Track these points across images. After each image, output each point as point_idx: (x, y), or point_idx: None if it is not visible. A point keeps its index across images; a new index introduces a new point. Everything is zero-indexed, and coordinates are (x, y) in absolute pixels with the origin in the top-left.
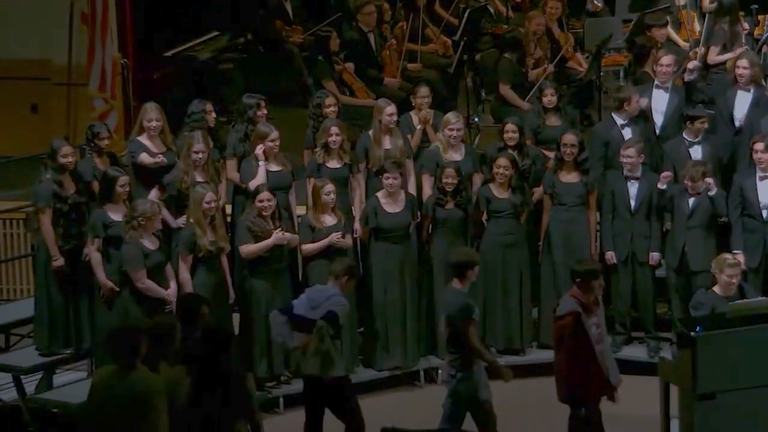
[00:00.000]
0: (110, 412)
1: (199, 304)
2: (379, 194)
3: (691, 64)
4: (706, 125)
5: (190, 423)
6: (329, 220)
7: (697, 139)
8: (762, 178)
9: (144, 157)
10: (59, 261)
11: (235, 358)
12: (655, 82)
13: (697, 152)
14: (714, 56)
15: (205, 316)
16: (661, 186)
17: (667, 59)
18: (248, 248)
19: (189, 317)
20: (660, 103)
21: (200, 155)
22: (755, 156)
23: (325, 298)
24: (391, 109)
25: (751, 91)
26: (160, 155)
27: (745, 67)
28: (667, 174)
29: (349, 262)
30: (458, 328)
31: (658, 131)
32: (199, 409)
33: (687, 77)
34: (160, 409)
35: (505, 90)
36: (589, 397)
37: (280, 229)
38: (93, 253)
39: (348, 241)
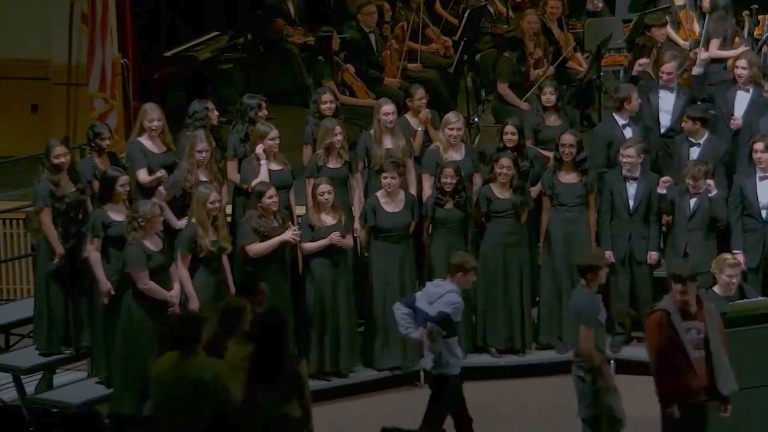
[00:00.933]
0: (175, 398)
1: (256, 281)
2: (379, 194)
3: (703, 54)
4: (691, 125)
5: (244, 405)
6: (329, 219)
7: (698, 140)
8: (762, 178)
9: (142, 176)
10: (63, 258)
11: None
12: (660, 82)
13: (695, 152)
14: (715, 49)
15: (264, 293)
16: (661, 190)
17: (668, 67)
18: (257, 247)
19: (247, 295)
20: (666, 102)
21: (204, 154)
22: (755, 156)
23: (439, 294)
24: (387, 108)
25: (750, 91)
26: (161, 170)
27: (743, 67)
28: (666, 179)
29: (462, 257)
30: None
31: (663, 131)
32: (252, 391)
33: (695, 70)
34: (221, 391)
35: (504, 89)
36: (676, 398)
37: (295, 227)
38: (92, 252)
39: (348, 240)
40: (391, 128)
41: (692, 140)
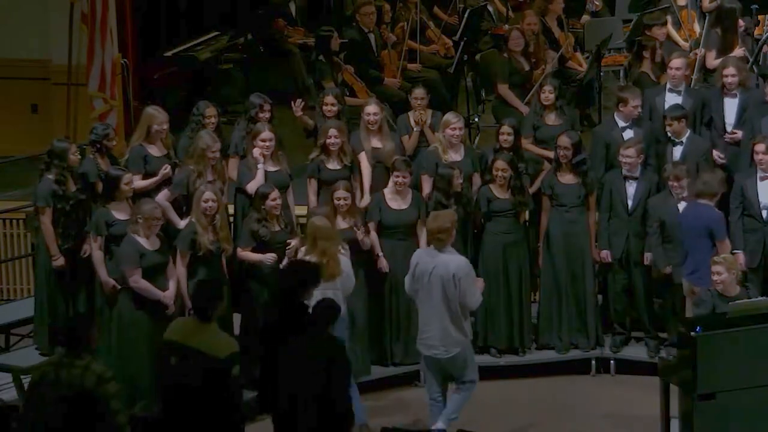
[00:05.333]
0: None
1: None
2: (386, 190)
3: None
4: (676, 126)
5: None
6: (343, 224)
7: (681, 139)
8: (763, 179)
9: (136, 182)
10: (60, 260)
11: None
12: (668, 85)
13: (678, 150)
14: (711, 61)
15: None
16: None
17: (677, 62)
18: (244, 254)
19: None
20: None
21: (217, 154)
22: (756, 157)
23: None
24: (370, 108)
25: (737, 95)
26: (167, 166)
27: (733, 75)
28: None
29: None
30: None
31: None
32: None
33: None
34: None
35: (504, 90)
36: None
37: (290, 241)
38: (95, 251)
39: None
40: (375, 129)
41: (674, 140)
